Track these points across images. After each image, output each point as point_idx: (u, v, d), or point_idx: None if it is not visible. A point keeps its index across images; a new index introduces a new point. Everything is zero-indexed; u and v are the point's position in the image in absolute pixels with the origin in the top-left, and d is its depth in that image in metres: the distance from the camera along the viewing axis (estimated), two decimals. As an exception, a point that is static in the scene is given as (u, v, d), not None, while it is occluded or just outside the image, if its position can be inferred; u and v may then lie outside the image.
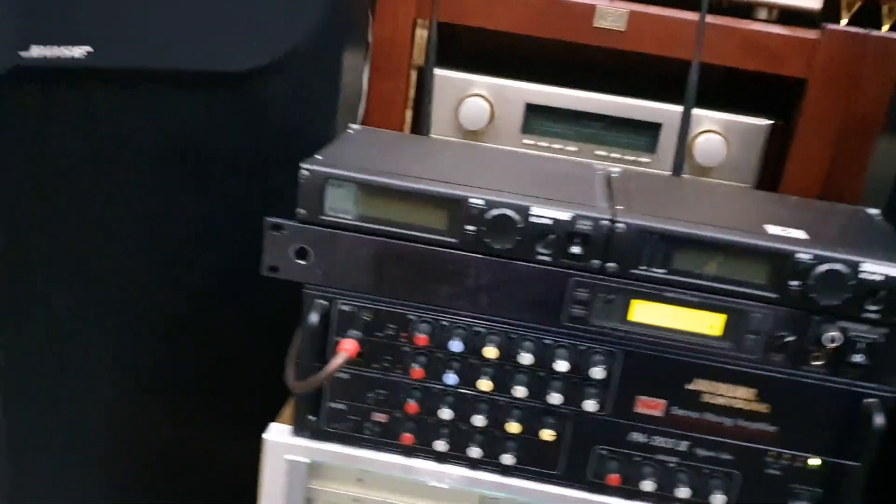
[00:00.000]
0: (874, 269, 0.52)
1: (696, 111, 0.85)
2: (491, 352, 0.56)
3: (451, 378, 0.57)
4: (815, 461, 0.56)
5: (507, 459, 0.58)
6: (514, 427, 0.58)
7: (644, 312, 0.56)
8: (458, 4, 0.85)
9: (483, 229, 0.55)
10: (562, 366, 0.56)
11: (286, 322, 0.68)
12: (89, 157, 0.61)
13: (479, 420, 0.58)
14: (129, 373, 0.69)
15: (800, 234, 0.55)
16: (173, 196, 0.65)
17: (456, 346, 0.57)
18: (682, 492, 0.57)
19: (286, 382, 0.58)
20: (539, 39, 0.86)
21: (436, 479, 0.59)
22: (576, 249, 0.55)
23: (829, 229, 0.61)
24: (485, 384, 0.57)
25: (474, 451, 0.59)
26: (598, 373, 0.56)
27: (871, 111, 0.80)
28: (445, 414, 0.58)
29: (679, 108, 0.86)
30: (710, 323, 0.55)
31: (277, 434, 0.61)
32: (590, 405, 0.56)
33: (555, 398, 0.56)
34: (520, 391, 0.57)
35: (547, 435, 0.58)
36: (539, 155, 0.72)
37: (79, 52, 0.57)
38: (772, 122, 0.86)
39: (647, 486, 0.57)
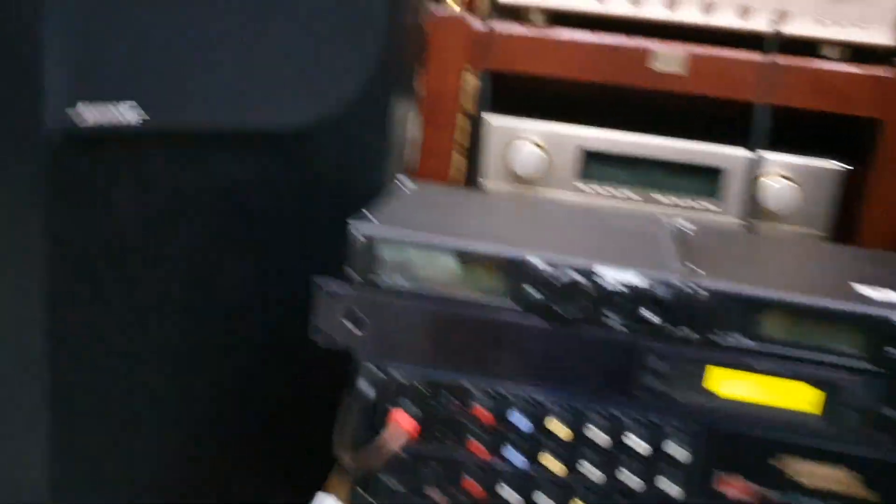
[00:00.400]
0: None
1: (761, 154, 0.80)
2: (558, 427, 0.52)
3: (514, 455, 0.53)
4: (928, 554, 0.50)
5: (577, 544, 0.54)
6: (583, 509, 0.53)
7: (728, 385, 0.51)
8: (508, 51, 0.82)
9: (547, 294, 0.51)
10: (637, 443, 0.51)
11: (337, 385, 0.65)
12: (141, 219, 0.60)
13: (545, 502, 0.53)
14: (178, 432, 0.67)
15: (898, 297, 0.50)
16: (225, 256, 0.64)
17: (519, 420, 0.52)
18: (773, 583, 0.51)
19: (337, 456, 0.55)
20: (593, 83, 0.83)
21: (497, 563, 0.55)
22: (650, 315, 0.50)
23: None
24: (551, 463, 0.53)
25: (540, 535, 0.54)
26: (677, 451, 0.51)
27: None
28: (508, 494, 0.53)
29: (743, 152, 0.82)
30: (801, 397, 0.50)
31: (326, 510, 0.57)
32: (669, 487, 0.51)
33: (629, 479, 0.52)
34: (590, 471, 0.52)
35: (620, 518, 0.53)
36: (602, 209, 0.68)
37: (131, 115, 0.56)
38: (845, 165, 0.81)
39: (733, 576, 0.52)
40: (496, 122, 0.83)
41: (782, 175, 0.82)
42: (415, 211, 0.59)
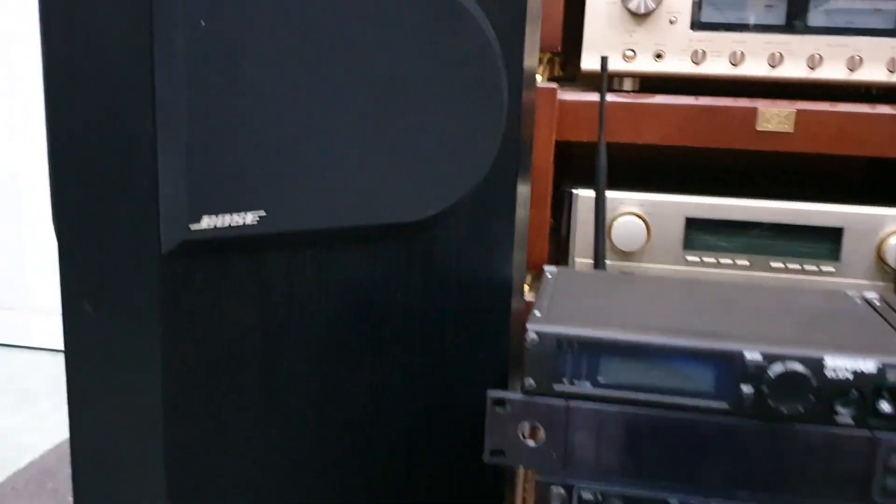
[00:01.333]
0: None
1: (882, 210, 0.76)
2: (792, 545, 0.45)
3: (740, 583, 0.45)
4: None
5: None
6: None
7: (980, 479, 0.44)
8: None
9: (764, 390, 0.45)
10: (889, 558, 0.44)
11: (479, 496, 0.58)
12: (260, 322, 0.55)
13: None
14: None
15: None
16: (349, 357, 0.59)
17: (744, 540, 0.45)
18: None
19: None
20: (693, 148, 0.79)
21: None
22: (886, 407, 0.44)
23: None
24: (787, 588, 0.45)
25: None
26: (938, 564, 0.44)
27: None
28: None
29: (863, 210, 0.78)
30: None
31: None
32: None
33: None
34: None
35: None
36: (773, 287, 0.62)
37: (251, 218, 0.50)
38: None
39: None
40: (590, 196, 0.78)
41: (904, 230, 0.77)
42: (581, 302, 0.53)
